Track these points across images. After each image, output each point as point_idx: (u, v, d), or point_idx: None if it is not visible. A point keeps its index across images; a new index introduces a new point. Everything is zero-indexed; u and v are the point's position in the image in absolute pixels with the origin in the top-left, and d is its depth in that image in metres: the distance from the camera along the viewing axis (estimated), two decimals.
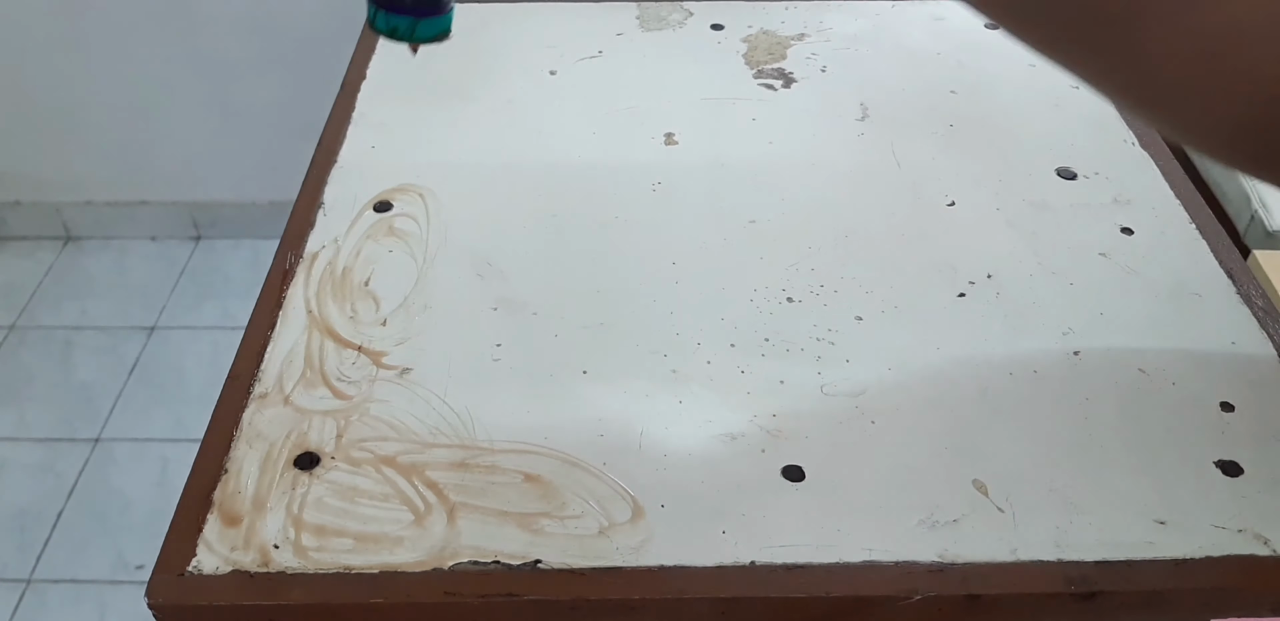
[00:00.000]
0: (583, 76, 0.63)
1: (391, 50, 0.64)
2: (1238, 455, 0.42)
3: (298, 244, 0.50)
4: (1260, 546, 0.38)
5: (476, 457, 0.41)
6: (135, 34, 1.43)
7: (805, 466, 0.41)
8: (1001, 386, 0.44)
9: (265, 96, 1.48)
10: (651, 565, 0.37)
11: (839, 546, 0.38)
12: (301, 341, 0.45)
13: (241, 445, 0.41)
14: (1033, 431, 0.42)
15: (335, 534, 0.38)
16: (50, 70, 1.48)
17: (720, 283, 0.49)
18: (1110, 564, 0.38)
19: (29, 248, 1.67)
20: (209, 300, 1.58)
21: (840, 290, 0.49)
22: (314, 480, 0.40)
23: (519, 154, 0.57)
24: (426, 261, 0.50)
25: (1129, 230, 0.52)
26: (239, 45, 1.43)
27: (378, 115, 0.59)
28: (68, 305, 1.57)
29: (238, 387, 0.43)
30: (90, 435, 1.39)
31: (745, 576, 0.37)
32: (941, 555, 0.38)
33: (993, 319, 0.47)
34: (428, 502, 0.39)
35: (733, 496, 0.40)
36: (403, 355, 0.45)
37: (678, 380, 0.44)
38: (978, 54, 0.65)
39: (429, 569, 0.37)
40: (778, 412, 0.43)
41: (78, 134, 1.56)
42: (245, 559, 0.37)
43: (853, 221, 0.52)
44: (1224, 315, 0.48)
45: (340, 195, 0.53)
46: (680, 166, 0.56)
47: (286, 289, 0.48)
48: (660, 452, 0.41)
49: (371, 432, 0.42)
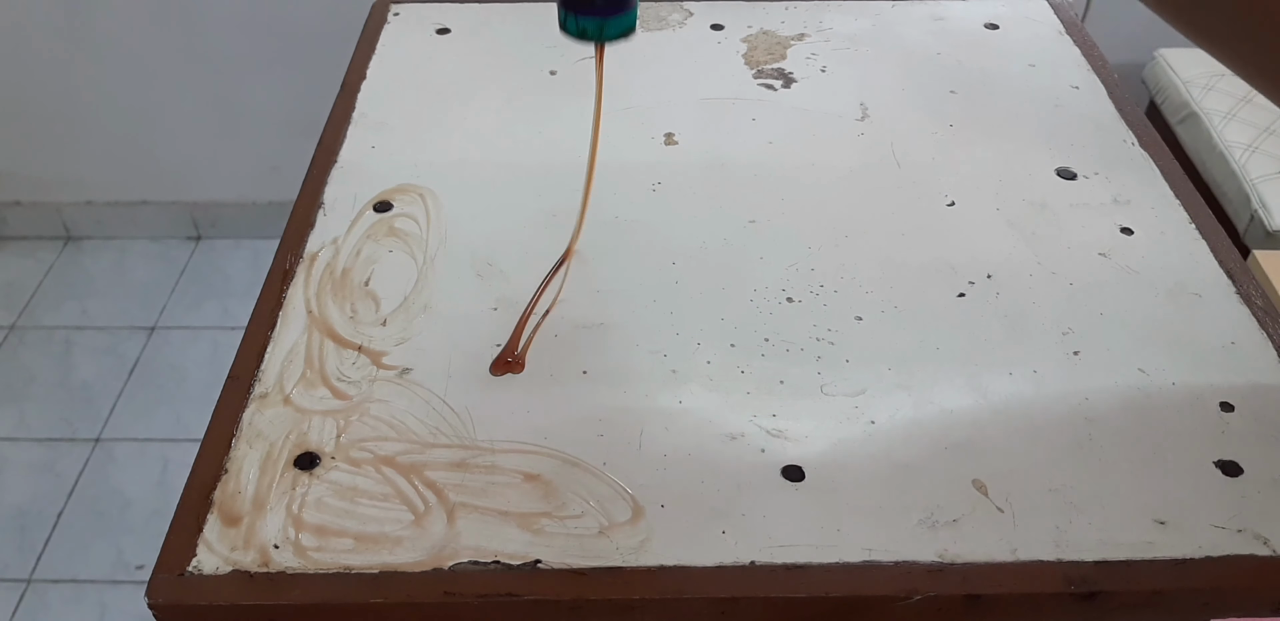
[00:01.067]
0: (582, 76, 0.63)
1: (392, 51, 0.64)
2: (1237, 455, 0.42)
3: (298, 244, 0.50)
4: (1260, 546, 0.38)
5: (476, 457, 0.41)
6: (136, 34, 1.43)
7: (805, 466, 0.41)
8: (1001, 386, 0.44)
9: (266, 97, 1.49)
10: (651, 565, 0.37)
11: (839, 546, 0.38)
12: (301, 341, 0.45)
13: (241, 445, 0.41)
14: (1032, 431, 0.42)
15: (335, 534, 0.38)
16: (51, 70, 1.48)
17: (720, 282, 0.49)
18: (1110, 564, 0.38)
19: (29, 247, 1.67)
20: (209, 300, 1.58)
21: (840, 290, 0.49)
22: (314, 480, 0.40)
23: (519, 154, 0.57)
24: (426, 261, 0.50)
25: (1129, 230, 0.52)
26: (240, 45, 1.43)
27: (378, 115, 0.59)
28: (68, 305, 1.57)
29: (238, 387, 0.43)
30: (90, 435, 1.39)
31: (745, 576, 0.37)
32: (941, 555, 0.38)
33: (992, 319, 0.47)
34: (427, 502, 0.39)
35: (732, 496, 0.40)
36: (402, 355, 0.45)
37: (677, 380, 0.44)
38: (978, 54, 0.65)
39: (429, 569, 0.37)
40: (777, 412, 0.43)
41: (78, 134, 1.56)
42: (245, 559, 0.37)
43: (852, 221, 0.52)
44: (1224, 315, 0.48)
45: (340, 195, 0.54)
46: (680, 166, 0.56)
47: (286, 289, 0.48)
48: (660, 452, 0.41)
49: (371, 433, 0.42)
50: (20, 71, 1.48)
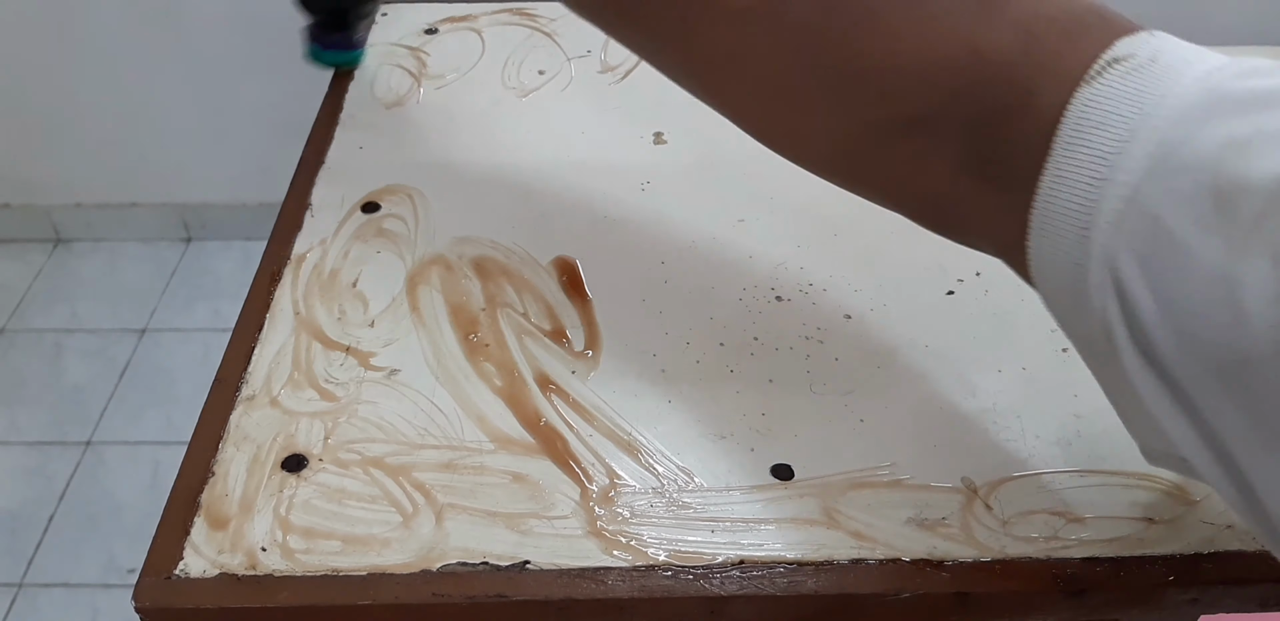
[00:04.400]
0: (571, 75, 0.62)
1: (380, 52, 0.64)
2: None
3: (285, 245, 0.50)
4: (1249, 542, 0.38)
5: (464, 458, 0.41)
6: (125, 35, 1.42)
7: (794, 465, 0.41)
8: (990, 384, 0.44)
9: (255, 98, 1.48)
10: (640, 565, 0.37)
11: (828, 545, 0.38)
12: (289, 343, 0.45)
13: (229, 447, 0.41)
14: (1021, 429, 0.42)
15: (323, 536, 0.38)
16: (39, 72, 1.47)
17: (709, 282, 0.49)
18: (1099, 561, 0.38)
19: (18, 250, 1.66)
20: (200, 302, 1.58)
21: (829, 289, 0.49)
22: (301, 482, 0.40)
23: (507, 154, 0.57)
24: (415, 262, 0.49)
25: None
26: (228, 46, 1.43)
27: (365, 116, 0.59)
28: (58, 308, 1.57)
29: (225, 390, 0.43)
30: (81, 438, 1.38)
31: (734, 575, 0.37)
32: (931, 553, 0.38)
33: (981, 316, 0.47)
34: (415, 504, 0.39)
35: (721, 495, 0.40)
36: (391, 356, 0.45)
37: (667, 380, 0.44)
38: None
39: (417, 570, 0.37)
40: (767, 412, 0.43)
41: (67, 136, 1.55)
42: (233, 561, 0.37)
43: (841, 220, 0.52)
44: None
45: (328, 196, 0.53)
46: (669, 166, 0.56)
47: (274, 290, 0.48)
48: (649, 452, 0.41)
49: (359, 434, 0.41)
50: (8, 73, 1.47)
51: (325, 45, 0.61)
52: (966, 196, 0.31)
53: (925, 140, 0.30)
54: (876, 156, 0.32)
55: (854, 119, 0.32)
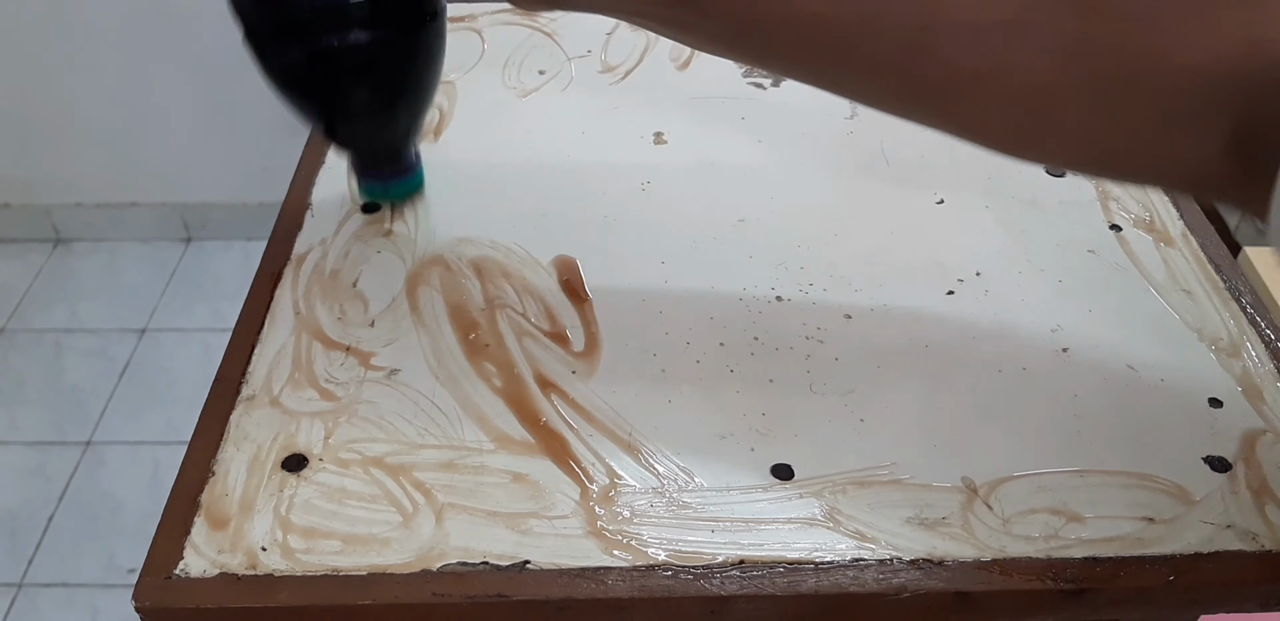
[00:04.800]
0: (572, 75, 0.62)
1: None
2: (1226, 451, 0.42)
3: (286, 245, 0.50)
4: (1249, 542, 0.38)
5: (465, 458, 0.41)
6: (124, 35, 1.42)
7: (794, 465, 0.41)
8: (990, 384, 0.44)
9: (255, 97, 1.47)
10: (640, 565, 0.37)
11: (828, 544, 0.38)
12: (289, 343, 0.45)
13: (229, 447, 0.41)
14: (1021, 428, 0.42)
15: (323, 535, 0.38)
16: (39, 72, 1.47)
17: (709, 281, 0.49)
18: (1099, 560, 0.38)
19: (18, 250, 1.66)
20: (200, 302, 1.58)
21: (829, 288, 0.49)
22: (302, 482, 0.40)
23: (507, 153, 0.57)
24: (415, 262, 0.49)
25: (1117, 227, 0.52)
26: (228, 46, 1.42)
27: None
28: (58, 308, 1.57)
29: (225, 389, 0.43)
30: (81, 438, 1.39)
31: (734, 575, 0.37)
32: (930, 553, 0.38)
33: (981, 316, 0.47)
34: (416, 503, 0.39)
35: (721, 495, 0.40)
36: (391, 356, 0.45)
37: (666, 380, 0.44)
38: None
39: (417, 570, 0.37)
40: (767, 411, 0.43)
41: (67, 136, 1.55)
42: (233, 561, 0.37)
43: (842, 220, 0.52)
44: (1213, 312, 0.48)
45: (328, 196, 0.53)
46: (669, 165, 0.56)
47: (274, 290, 0.48)
48: (649, 452, 0.41)
49: (359, 434, 0.41)
50: (8, 73, 1.47)
51: (383, 178, 0.51)
52: (1226, 173, 0.30)
53: (1196, 131, 0.30)
54: (1142, 152, 0.31)
55: (1126, 118, 0.31)
